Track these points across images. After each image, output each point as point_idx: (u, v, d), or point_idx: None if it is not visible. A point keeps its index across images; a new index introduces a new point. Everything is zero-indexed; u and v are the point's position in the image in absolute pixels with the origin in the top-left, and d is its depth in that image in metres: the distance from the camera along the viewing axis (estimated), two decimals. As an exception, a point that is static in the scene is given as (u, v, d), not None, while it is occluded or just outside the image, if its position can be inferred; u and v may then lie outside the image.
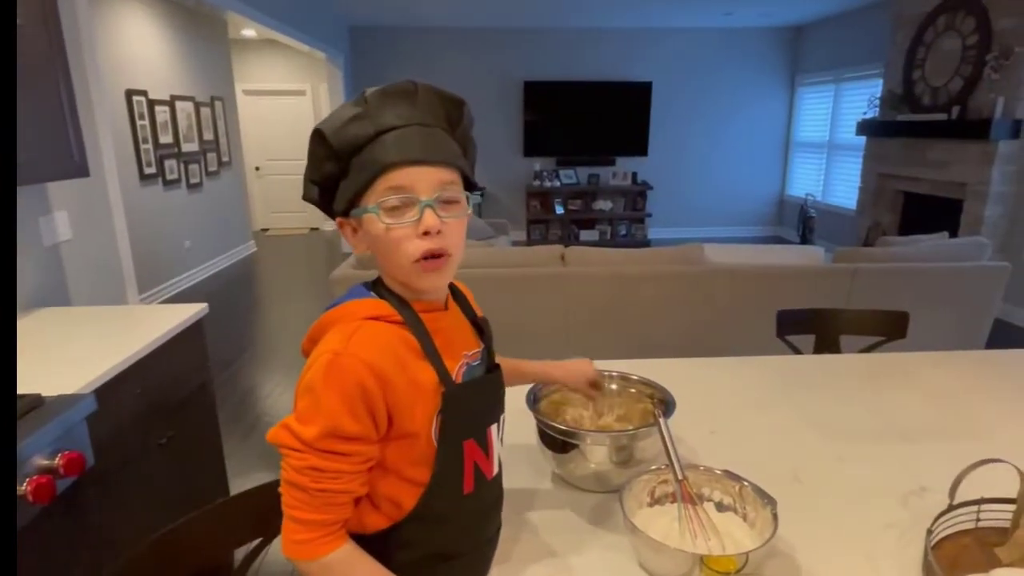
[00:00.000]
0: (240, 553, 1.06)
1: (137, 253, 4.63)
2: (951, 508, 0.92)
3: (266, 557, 2.18)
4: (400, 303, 0.75)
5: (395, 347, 0.72)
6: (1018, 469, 0.91)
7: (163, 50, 5.22)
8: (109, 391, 1.56)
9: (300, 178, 7.56)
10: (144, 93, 4.90)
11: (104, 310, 2.02)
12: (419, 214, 0.71)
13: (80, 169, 1.84)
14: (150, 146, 4.99)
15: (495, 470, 0.85)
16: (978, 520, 0.94)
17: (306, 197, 0.78)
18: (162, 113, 5.17)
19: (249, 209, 7.32)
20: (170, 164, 5.29)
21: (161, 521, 0.95)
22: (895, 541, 0.94)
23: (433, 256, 0.72)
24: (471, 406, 0.79)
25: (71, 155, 1.81)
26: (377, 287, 0.79)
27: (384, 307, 0.74)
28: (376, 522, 0.75)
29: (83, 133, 1.89)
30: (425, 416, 0.73)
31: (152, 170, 5.01)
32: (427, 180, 0.71)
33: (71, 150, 1.81)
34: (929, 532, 0.88)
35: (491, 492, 0.85)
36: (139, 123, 4.82)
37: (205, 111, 5.95)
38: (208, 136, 6.03)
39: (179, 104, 5.44)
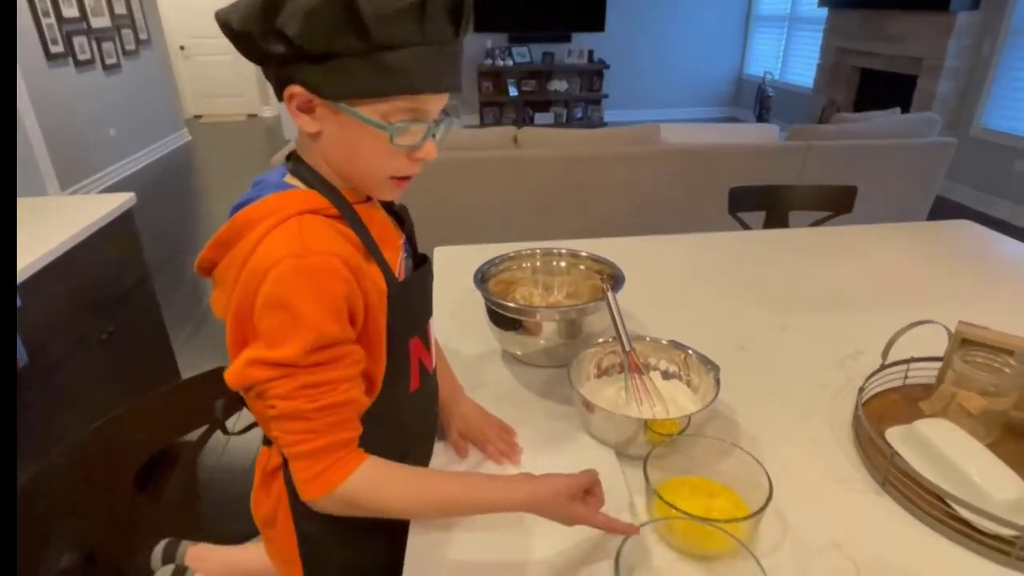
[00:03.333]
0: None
1: (55, 143, 4.25)
2: (882, 367, 0.97)
3: (227, 447, 2.20)
4: (333, 193, 0.66)
5: (346, 247, 0.63)
6: (947, 328, 0.95)
7: (52, -98, 4.51)
8: (34, 287, 1.47)
9: (231, 58, 6.94)
10: (37, -45, 4.28)
11: (21, 202, 1.86)
12: (421, 140, 0.64)
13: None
14: (53, 20, 4.43)
15: (435, 362, 0.84)
16: (906, 378, 0.99)
17: (252, 44, 0.59)
18: (62, -20, 4.55)
19: (178, 93, 6.75)
20: (80, 41, 4.75)
21: (111, 415, 0.92)
22: (829, 400, 0.99)
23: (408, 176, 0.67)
24: (414, 303, 0.75)
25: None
26: (299, 171, 0.66)
27: (317, 198, 0.64)
28: None
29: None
30: (383, 317, 0.68)
31: (59, 48, 4.49)
32: (438, 104, 0.64)
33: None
34: (861, 390, 0.92)
35: (432, 384, 0.84)
36: (36, -8, 4.25)
37: (113, -21, 5.28)
38: (120, 10, 5.38)
39: (81, -30, 4.80)
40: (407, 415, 0.79)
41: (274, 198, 0.63)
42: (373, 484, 0.64)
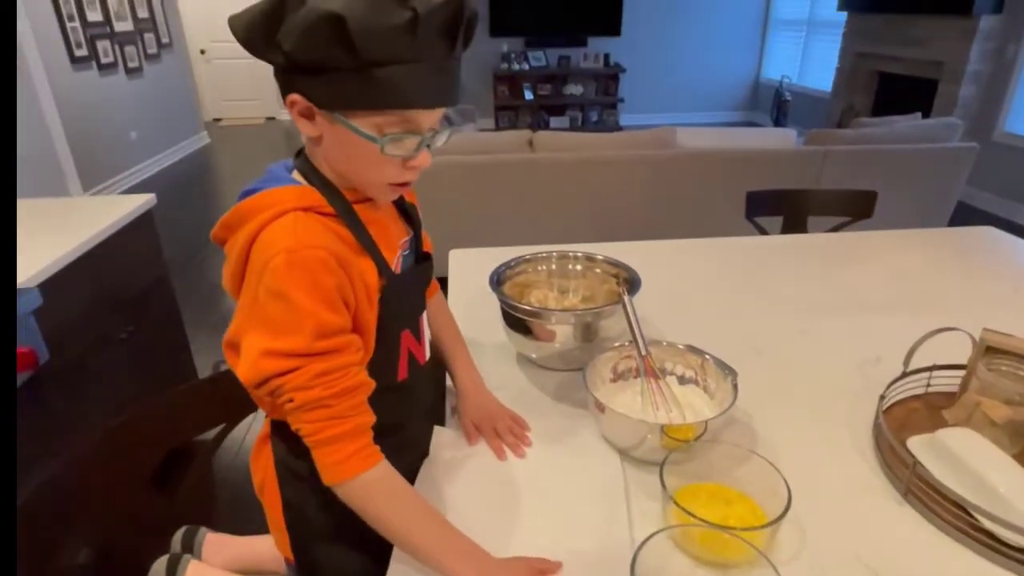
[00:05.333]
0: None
1: (78, 145, 4.32)
2: (904, 375, 0.95)
3: (243, 444, 2.21)
4: (331, 191, 0.69)
5: (336, 242, 0.66)
6: (970, 335, 0.93)
7: (78, -91, 4.59)
8: (56, 285, 1.49)
9: (251, 62, 7.00)
10: (63, -39, 4.37)
11: (43, 203, 1.89)
12: (415, 151, 0.66)
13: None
14: (77, 24, 4.51)
15: (427, 355, 0.86)
16: (928, 385, 0.97)
17: (256, 52, 0.62)
18: (87, -15, 4.64)
19: (198, 97, 6.84)
20: (103, 45, 4.83)
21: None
22: (848, 407, 0.97)
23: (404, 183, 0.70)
24: (408, 297, 0.78)
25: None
26: (303, 168, 0.70)
27: (314, 196, 0.67)
28: None
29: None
30: (372, 310, 0.71)
31: (84, 52, 4.57)
32: (433, 117, 0.66)
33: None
34: (881, 398, 0.91)
35: (423, 379, 0.86)
36: (61, -3, 4.33)
37: (136, -16, 5.36)
38: (143, 14, 5.47)
39: (105, -25, 4.88)
40: (391, 403, 0.79)
41: (274, 192, 0.66)
42: (386, 487, 0.67)
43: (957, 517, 0.73)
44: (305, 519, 0.79)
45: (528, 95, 6.95)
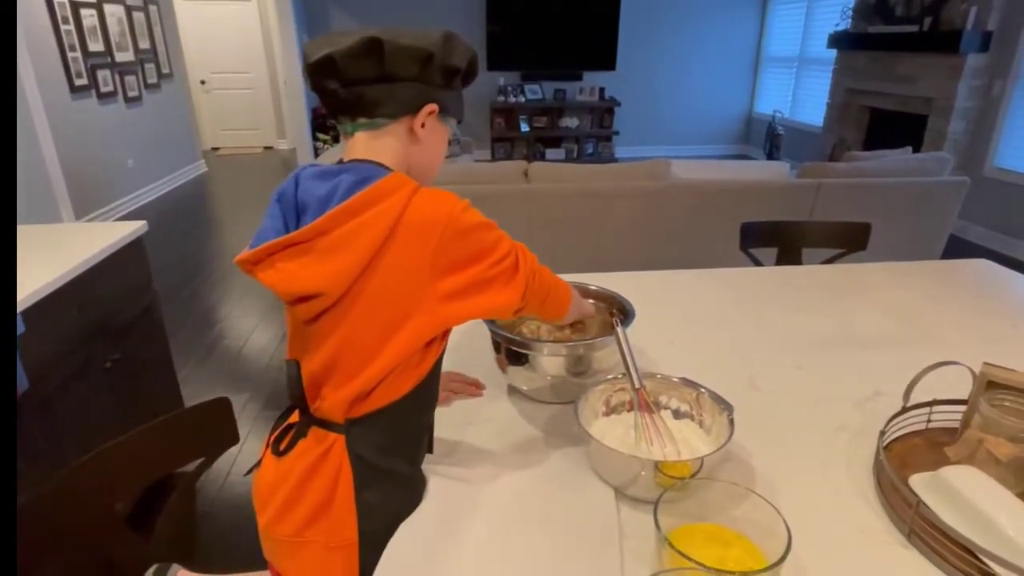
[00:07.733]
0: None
1: (74, 172, 4.34)
2: (904, 410, 0.93)
3: (228, 477, 2.16)
4: None
5: None
6: (971, 370, 0.91)
7: (84, -57, 4.69)
8: (40, 312, 1.47)
9: (251, 92, 7.14)
10: (66, -7, 4.44)
11: (32, 229, 1.87)
12: (451, 134, 0.89)
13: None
14: (79, 54, 4.57)
15: None
16: (929, 421, 0.95)
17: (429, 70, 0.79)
18: (89, 17, 4.71)
19: (197, 126, 6.90)
20: (103, 75, 4.88)
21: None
22: (848, 443, 0.95)
23: None
24: None
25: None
26: (383, 167, 0.81)
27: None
28: (405, 384, 0.79)
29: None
30: None
31: (83, 81, 4.62)
32: None
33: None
34: (882, 433, 0.88)
35: None
36: (63, 28, 4.39)
37: (138, 16, 5.45)
38: (144, 45, 5.55)
39: (107, 7, 4.96)
40: (434, 398, 0.87)
41: (395, 176, 0.76)
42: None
43: (964, 561, 0.70)
44: (377, 522, 0.80)
45: (524, 127, 7.04)
